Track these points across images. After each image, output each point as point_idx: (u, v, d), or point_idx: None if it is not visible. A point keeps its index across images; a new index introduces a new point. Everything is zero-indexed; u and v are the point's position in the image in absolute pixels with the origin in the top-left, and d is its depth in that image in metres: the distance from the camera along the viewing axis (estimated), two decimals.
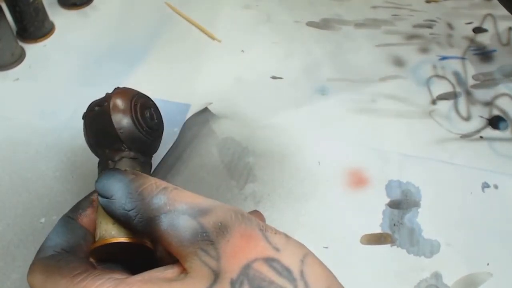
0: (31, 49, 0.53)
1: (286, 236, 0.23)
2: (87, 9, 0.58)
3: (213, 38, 0.56)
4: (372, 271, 0.38)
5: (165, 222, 0.23)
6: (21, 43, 0.53)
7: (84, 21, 0.57)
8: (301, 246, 0.23)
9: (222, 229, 0.23)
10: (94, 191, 0.29)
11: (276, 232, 0.23)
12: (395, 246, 0.39)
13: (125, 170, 0.27)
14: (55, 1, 0.58)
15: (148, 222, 0.24)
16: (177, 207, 0.24)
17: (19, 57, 0.51)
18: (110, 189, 0.25)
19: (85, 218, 0.28)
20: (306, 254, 0.23)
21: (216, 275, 0.22)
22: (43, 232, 0.38)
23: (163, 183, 0.25)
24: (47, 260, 0.25)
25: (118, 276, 0.24)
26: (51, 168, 0.42)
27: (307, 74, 0.52)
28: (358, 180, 0.43)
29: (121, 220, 0.25)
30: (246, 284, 0.21)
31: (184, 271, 0.23)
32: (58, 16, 0.57)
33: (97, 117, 0.29)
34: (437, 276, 0.38)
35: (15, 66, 0.51)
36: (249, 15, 0.59)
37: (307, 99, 0.50)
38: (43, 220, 0.39)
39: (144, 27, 0.56)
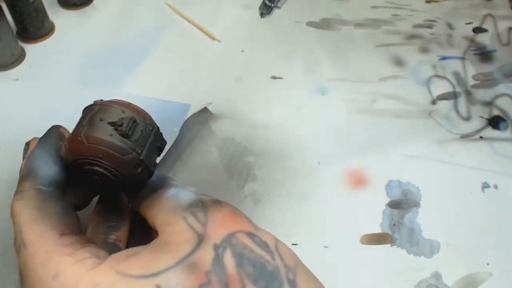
0: (31, 49, 0.53)
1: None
2: (87, 9, 0.58)
3: (213, 38, 0.56)
4: (372, 271, 0.38)
5: (171, 191, 0.27)
6: (21, 43, 0.52)
7: (84, 21, 0.57)
8: (274, 236, 0.27)
9: (217, 202, 0.27)
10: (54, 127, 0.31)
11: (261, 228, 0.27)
12: (395, 246, 0.39)
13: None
14: (55, 1, 0.58)
15: (159, 183, 0.28)
16: (190, 188, 0.28)
17: (19, 57, 0.51)
18: None
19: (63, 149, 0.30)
20: (278, 239, 0.26)
21: (200, 239, 0.24)
22: None
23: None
24: (46, 195, 0.26)
25: (102, 254, 0.25)
26: None
27: (307, 74, 0.52)
28: (358, 180, 0.43)
29: None
30: (228, 250, 0.23)
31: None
32: (58, 16, 0.57)
33: (159, 136, 0.30)
34: (437, 276, 0.38)
35: (15, 66, 0.51)
36: (249, 15, 0.59)
37: (307, 99, 0.50)
38: None
39: (144, 27, 0.56)
